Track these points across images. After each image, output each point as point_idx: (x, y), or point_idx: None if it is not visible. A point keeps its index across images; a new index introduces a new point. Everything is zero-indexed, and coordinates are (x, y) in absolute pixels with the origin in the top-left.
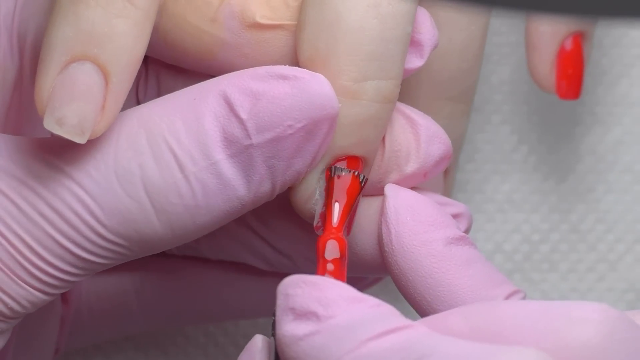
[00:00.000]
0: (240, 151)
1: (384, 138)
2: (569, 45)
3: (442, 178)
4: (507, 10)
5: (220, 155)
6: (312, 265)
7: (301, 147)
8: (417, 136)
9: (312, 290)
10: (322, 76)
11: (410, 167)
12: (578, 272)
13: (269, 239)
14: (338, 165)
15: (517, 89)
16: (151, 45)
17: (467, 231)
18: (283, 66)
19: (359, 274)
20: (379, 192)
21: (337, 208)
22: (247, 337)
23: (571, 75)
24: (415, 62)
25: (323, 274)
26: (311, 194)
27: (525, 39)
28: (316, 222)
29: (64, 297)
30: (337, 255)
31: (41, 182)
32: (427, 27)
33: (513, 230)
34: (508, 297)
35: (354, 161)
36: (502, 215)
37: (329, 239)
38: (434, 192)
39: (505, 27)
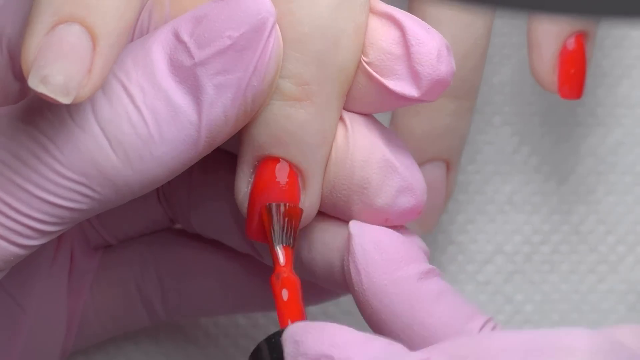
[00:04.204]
0: (187, 75)
1: (354, 165)
2: (571, 44)
3: (444, 179)
4: (510, 9)
5: (168, 83)
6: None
7: (243, 56)
8: (392, 182)
9: (322, 335)
10: None
11: (374, 207)
12: (579, 274)
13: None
14: (273, 203)
15: (518, 90)
16: None
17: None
18: None
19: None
20: (340, 216)
21: (279, 249)
22: (248, 338)
23: (573, 75)
24: (409, 90)
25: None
26: (243, 197)
27: (527, 38)
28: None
29: (70, 301)
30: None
31: None
32: (429, 60)
33: (514, 232)
34: (482, 327)
35: (273, 162)
36: (503, 217)
37: (282, 286)
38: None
39: (506, 28)
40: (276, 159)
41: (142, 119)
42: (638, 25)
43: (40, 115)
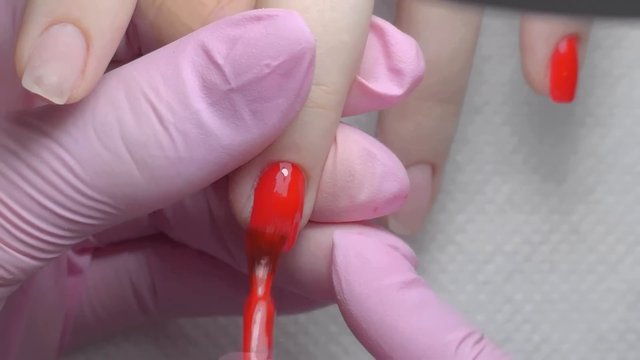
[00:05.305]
0: (221, 98)
1: (335, 162)
2: (563, 47)
3: (429, 181)
4: (501, 9)
5: (200, 105)
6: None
7: (282, 85)
8: (373, 170)
9: None
10: (295, 12)
11: (361, 198)
12: (578, 273)
13: (229, 242)
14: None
15: (518, 90)
16: (146, 43)
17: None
18: (259, 9)
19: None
20: (327, 219)
21: (261, 273)
22: None
23: (565, 78)
24: (393, 89)
25: (249, 341)
26: (246, 202)
27: (519, 41)
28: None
29: (67, 293)
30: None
31: (18, 141)
32: (410, 57)
33: (513, 231)
34: (462, 340)
35: (279, 165)
36: (503, 216)
37: (257, 303)
38: (382, 230)
39: (506, 28)
40: (281, 162)
41: (171, 141)
42: (637, 26)
43: (66, 133)
